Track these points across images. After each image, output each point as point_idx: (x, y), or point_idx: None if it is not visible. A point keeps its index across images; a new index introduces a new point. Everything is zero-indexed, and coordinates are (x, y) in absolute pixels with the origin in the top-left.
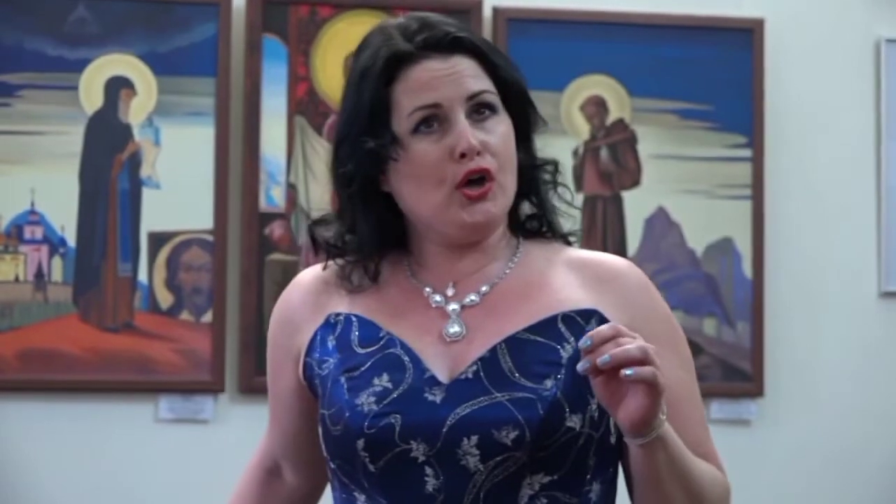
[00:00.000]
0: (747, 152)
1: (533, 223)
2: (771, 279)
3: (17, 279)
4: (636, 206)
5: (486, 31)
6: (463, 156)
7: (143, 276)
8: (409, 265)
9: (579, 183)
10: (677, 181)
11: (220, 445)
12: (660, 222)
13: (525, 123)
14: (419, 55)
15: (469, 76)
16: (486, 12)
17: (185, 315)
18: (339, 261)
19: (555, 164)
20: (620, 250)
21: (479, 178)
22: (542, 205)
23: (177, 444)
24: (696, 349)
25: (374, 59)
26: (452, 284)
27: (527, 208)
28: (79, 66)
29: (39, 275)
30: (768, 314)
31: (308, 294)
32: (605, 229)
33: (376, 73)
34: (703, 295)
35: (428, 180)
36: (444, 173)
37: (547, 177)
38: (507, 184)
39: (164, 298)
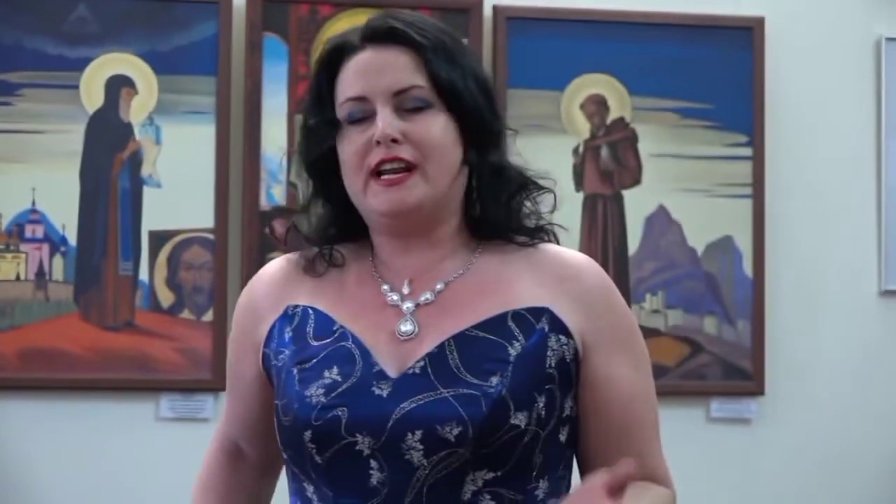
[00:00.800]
0: (747, 151)
1: (491, 225)
2: (771, 278)
3: (17, 278)
4: (637, 205)
5: (487, 30)
6: (378, 144)
7: (143, 274)
8: (372, 259)
9: (580, 181)
10: (677, 180)
11: None
12: (660, 221)
13: (474, 124)
14: (360, 46)
15: (401, 69)
16: (487, 11)
17: (185, 314)
18: (306, 252)
19: (518, 169)
20: (621, 249)
21: (398, 167)
22: (500, 207)
23: (178, 443)
24: (696, 347)
25: (325, 51)
26: (409, 282)
27: (483, 209)
28: (79, 64)
29: (40, 273)
30: (769, 313)
31: (272, 285)
32: (605, 228)
33: (322, 64)
34: (704, 293)
35: (352, 168)
36: (363, 161)
37: (504, 180)
38: (434, 174)
39: (165, 297)
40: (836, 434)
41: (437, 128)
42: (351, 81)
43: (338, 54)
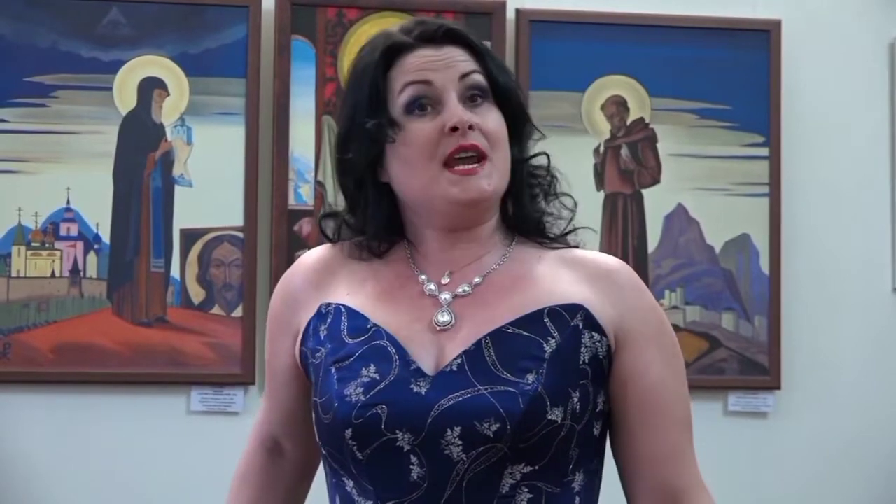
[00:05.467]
0: (764, 151)
1: (525, 224)
2: (787, 275)
3: (53, 275)
4: (656, 204)
5: (510, 33)
6: (454, 130)
7: (175, 271)
8: (410, 252)
9: (601, 181)
10: (696, 179)
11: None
12: (679, 219)
13: (514, 123)
14: (414, 45)
15: (460, 60)
16: (510, 14)
17: (216, 310)
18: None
19: (547, 168)
20: (641, 246)
21: (471, 156)
22: (532, 205)
23: (208, 436)
24: (714, 343)
25: (373, 52)
26: (448, 273)
27: (520, 207)
28: (113, 67)
29: (75, 270)
30: (785, 309)
31: (312, 273)
32: (625, 226)
33: (375, 63)
34: (722, 290)
35: (420, 157)
36: (436, 149)
37: (539, 180)
38: (500, 165)
39: (196, 293)
40: (852, 428)
41: (496, 119)
42: (412, 70)
43: (390, 53)
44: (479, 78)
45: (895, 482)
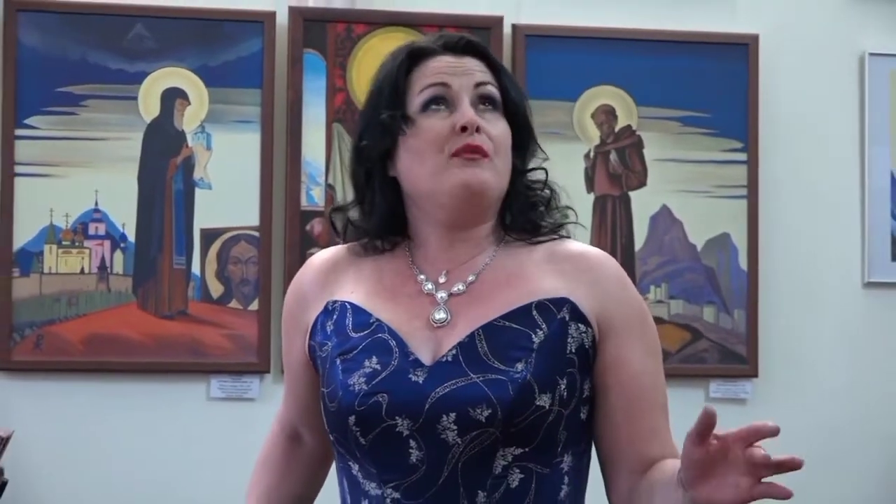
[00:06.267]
0: (743, 156)
1: (518, 226)
2: (764, 271)
3: (82, 271)
4: (642, 205)
5: (506, 47)
6: (463, 130)
7: (196, 268)
8: (410, 250)
9: (591, 183)
10: (679, 182)
11: (266, 421)
12: (664, 219)
13: (520, 136)
14: (437, 51)
15: (478, 71)
16: (507, 29)
17: (234, 303)
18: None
19: (545, 182)
20: (628, 245)
21: (475, 157)
22: (528, 215)
23: (227, 421)
24: (696, 334)
25: (399, 54)
26: (445, 273)
27: (517, 216)
28: (137, 78)
29: (102, 267)
30: (762, 303)
31: (319, 274)
32: (614, 225)
33: (399, 62)
34: (703, 285)
35: (430, 149)
36: (444, 144)
37: (537, 193)
38: (500, 168)
39: (215, 288)
40: (825, 413)
41: (502, 129)
42: (433, 72)
43: (416, 56)
44: (492, 89)
45: (864, 462)
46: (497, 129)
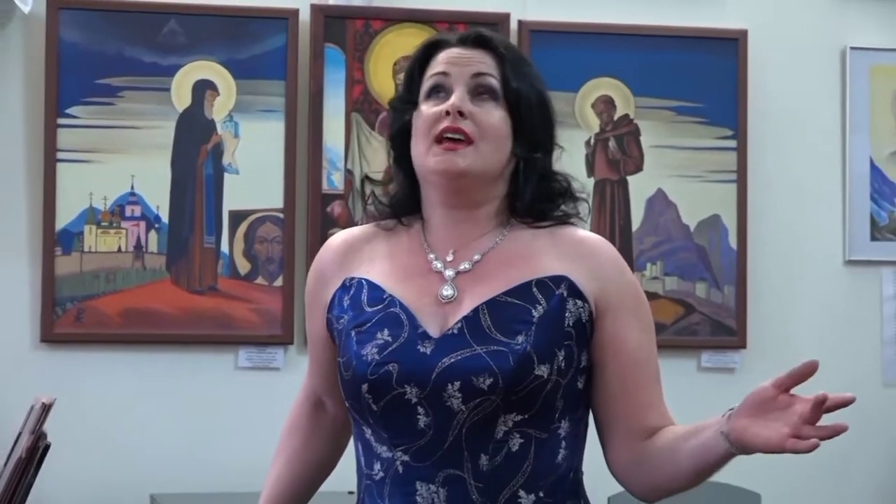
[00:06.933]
0: (732, 143)
1: (525, 212)
2: (752, 249)
3: (119, 249)
4: (639, 189)
5: (513, 41)
6: (447, 114)
7: (224, 247)
8: (422, 230)
9: (591, 169)
10: (674, 167)
11: (290, 390)
12: (659, 202)
13: (526, 127)
14: (450, 44)
15: (480, 62)
16: (513, 25)
17: (260, 280)
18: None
19: (562, 176)
20: (626, 226)
21: (458, 138)
22: (538, 198)
23: (253, 389)
24: (689, 308)
25: (419, 47)
26: (452, 252)
27: (523, 202)
28: (170, 71)
29: (138, 246)
30: (750, 279)
31: (337, 254)
32: (612, 208)
33: (417, 54)
34: (696, 263)
35: (422, 132)
36: (431, 128)
37: (552, 184)
38: (484, 152)
39: (243, 266)
40: (808, 382)
41: (497, 117)
42: (440, 62)
43: (433, 48)
44: (490, 80)
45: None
46: (489, 116)
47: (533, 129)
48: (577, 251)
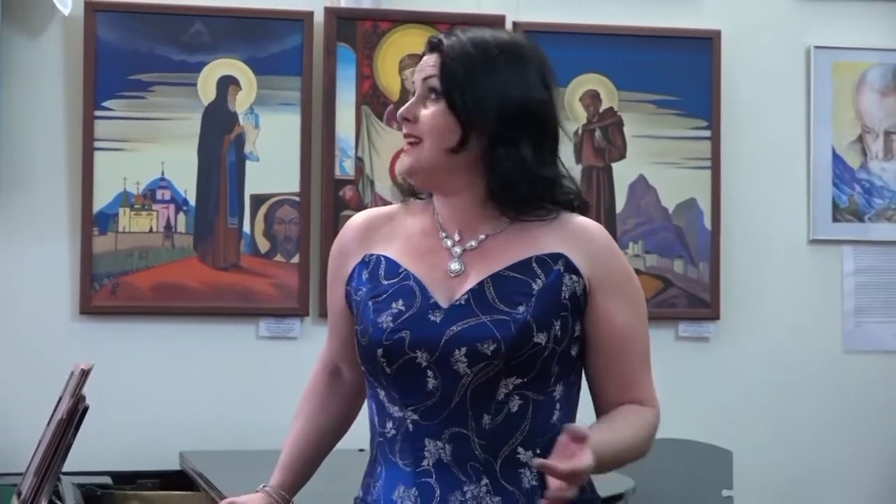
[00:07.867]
0: (707, 133)
1: (512, 201)
2: (725, 230)
3: (150, 230)
4: (622, 175)
5: None
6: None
7: (246, 227)
8: (435, 213)
9: (579, 156)
10: (654, 155)
11: (306, 357)
12: (640, 186)
13: (470, 119)
14: (426, 51)
15: (429, 66)
16: (508, 25)
17: (278, 257)
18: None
19: (531, 166)
20: (610, 208)
21: (412, 141)
22: (516, 188)
23: (273, 357)
24: (667, 283)
25: (418, 59)
26: (458, 232)
27: (503, 188)
28: (197, 67)
29: (168, 227)
30: (723, 257)
31: (358, 232)
32: (598, 192)
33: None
34: (674, 242)
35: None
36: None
37: (528, 171)
38: (428, 148)
39: (263, 245)
40: (775, 349)
41: (434, 114)
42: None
43: (420, 58)
44: (432, 81)
45: (809, 391)
46: (426, 114)
47: (485, 121)
48: (575, 234)
